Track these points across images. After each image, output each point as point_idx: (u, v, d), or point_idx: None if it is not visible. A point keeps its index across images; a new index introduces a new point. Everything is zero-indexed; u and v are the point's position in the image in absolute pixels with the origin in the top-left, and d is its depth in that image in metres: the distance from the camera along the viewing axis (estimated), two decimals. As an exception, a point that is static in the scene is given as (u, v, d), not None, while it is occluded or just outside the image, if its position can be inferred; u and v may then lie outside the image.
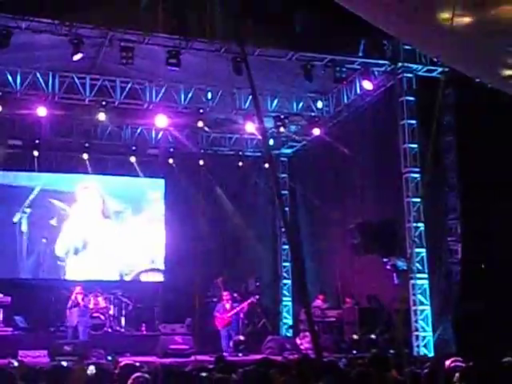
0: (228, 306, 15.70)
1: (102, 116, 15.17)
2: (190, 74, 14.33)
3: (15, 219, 17.83)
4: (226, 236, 19.27)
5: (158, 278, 18.89)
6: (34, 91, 14.60)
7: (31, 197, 18.00)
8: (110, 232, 18.73)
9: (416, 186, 13.87)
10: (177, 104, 15.65)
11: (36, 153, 17.35)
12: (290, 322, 19.23)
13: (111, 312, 16.89)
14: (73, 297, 15.48)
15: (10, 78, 14.29)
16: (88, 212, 18.63)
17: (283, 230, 19.27)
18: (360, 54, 14.13)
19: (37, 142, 17.18)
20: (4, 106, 14.39)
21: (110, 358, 12.78)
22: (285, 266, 19.75)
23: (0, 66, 14.01)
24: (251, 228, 19.75)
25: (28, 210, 17.99)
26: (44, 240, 18.11)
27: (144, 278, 18.86)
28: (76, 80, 14.73)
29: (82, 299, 15.45)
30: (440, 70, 13.61)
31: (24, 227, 17.96)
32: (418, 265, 13.50)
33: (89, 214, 18.63)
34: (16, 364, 10.39)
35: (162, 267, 18.91)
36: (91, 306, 16.26)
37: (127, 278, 18.63)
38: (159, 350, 14.79)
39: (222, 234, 19.14)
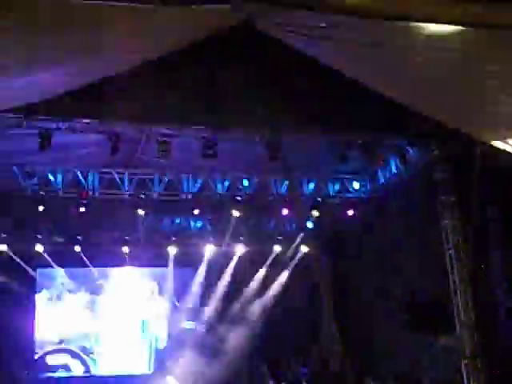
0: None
1: (140, 211, 15.41)
2: (226, 162, 14.47)
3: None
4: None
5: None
6: (74, 189, 14.87)
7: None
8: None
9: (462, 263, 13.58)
10: (214, 193, 15.77)
11: (78, 248, 17.53)
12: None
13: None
14: None
15: (51, 177, 14.61)
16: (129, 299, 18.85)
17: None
18: (394, 135, 14.17)
19: (78, 237, 17.40)
20: (45, 205, 14.62)
21: None
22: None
23: (41, 166, 14.37)
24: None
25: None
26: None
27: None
28: (115, 175, 15.02)
29: None
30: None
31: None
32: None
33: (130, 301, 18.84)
34: None
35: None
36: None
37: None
38: None
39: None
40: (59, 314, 18.46)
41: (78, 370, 18.19)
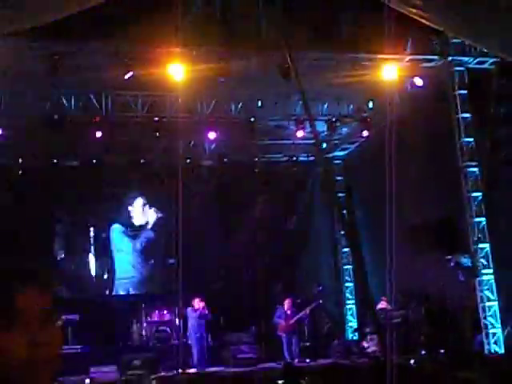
0: (289, 312, 15.67)
1: (155, 132, 15.39)
2: (239, 84, 14.37)
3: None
4: (284, 241, 19.28)
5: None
6: (88, 113, 14.85)
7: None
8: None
9: (475, 181, 13.62)
10: (228, 115, 15.71)
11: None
12: (355, 325, 19.07)
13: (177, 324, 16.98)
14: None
15: (64, 101, 14.58)
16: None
17: (342, 232, 19.18)
18: (408, 51, 13.96)
19: (94, 161, 17.48)
20: (60, 128, 14.62)
21: (180, 370, 12.80)
22: (346, 269, 19.61)
23: (54, 90, 14.31)
24: (310, 232, 19.71)
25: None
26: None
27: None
28: (128, 98, 14.95)
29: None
30: (491, 60, 13.38)
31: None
32: (482, 260, 13.25)
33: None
34: (88, 381, 10.61)
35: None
36: (155, 319, 16.53)
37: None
38: (227, 360, 14.88)
39: (280, 239, 19.17)
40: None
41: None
